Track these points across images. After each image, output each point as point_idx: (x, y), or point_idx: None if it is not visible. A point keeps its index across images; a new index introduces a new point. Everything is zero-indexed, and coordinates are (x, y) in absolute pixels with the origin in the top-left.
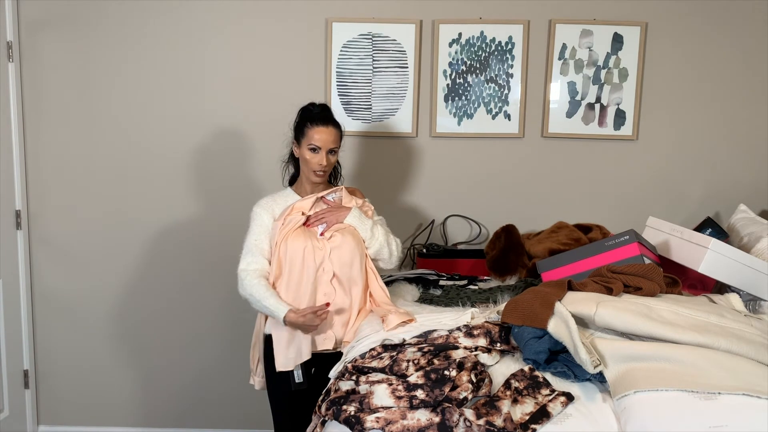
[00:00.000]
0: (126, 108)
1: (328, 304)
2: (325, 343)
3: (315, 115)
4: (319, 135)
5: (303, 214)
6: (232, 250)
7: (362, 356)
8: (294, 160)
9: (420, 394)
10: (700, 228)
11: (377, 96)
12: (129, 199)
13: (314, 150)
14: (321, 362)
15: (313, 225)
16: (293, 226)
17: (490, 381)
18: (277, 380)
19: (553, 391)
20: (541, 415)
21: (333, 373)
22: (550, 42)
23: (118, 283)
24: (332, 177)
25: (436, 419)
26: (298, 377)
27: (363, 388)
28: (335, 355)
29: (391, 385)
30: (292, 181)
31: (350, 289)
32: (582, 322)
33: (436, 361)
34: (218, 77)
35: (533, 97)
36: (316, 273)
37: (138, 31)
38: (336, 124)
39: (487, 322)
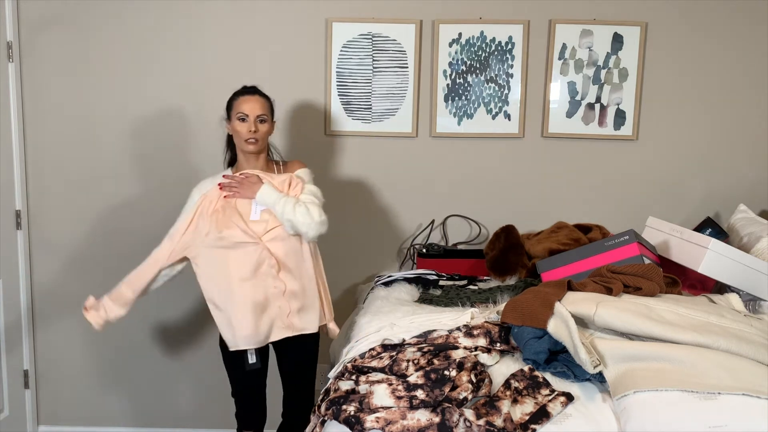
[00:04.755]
0: (126, 108)
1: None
2: (283, 332)
3: (241, 89)
4: (246, 103)
5: (220, 187)
6: None
7: (362, 356)
8: (231, 144)
9: (420, 394)
10: (699, 228)
11: (377, 96)
12: (129, 199)
13: (242, 119)
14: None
15: (228, 197)
16: (213, 205)
17: (490, 381)
18: (229, 357)
19: (552, 391)
20: (541, 415)
21: (332, 373)
22: (550, 42)
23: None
24: (273, 151)
25: (436, 419)
26: (251, 358)
27: (363, 388)
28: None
29: (391, 385)
30: (232, 164)
31: (300, 274)
32: (582, 322)
33: (436, 361)
34: (218, 77)
35: (533, 97)
36: (256, 273)
37: (138, 31)
38: (263, 95)
39: (486, 322)
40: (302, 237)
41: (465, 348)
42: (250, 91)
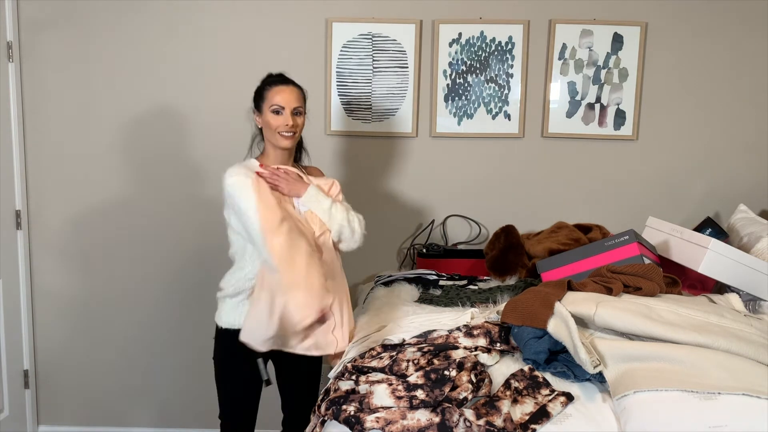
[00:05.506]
0: (126, 107)
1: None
2: (311, 350)
3: (273, 78)
4: (281, 95)
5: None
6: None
7: (362, 356)
8: (261, 135)
9: (420, 394)
10: (699, 228)
11: (377, 96)
12: (129, 199)
13: (277, 112)
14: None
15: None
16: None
17: (490, 381)
18: (228, 369)
19: (552, 391)
20: (541, 415)
21: (332, 373)
22: (550, 42)
23: (118, 282)
24: (298, 153)
25: (436, 419)
26: (264, 374)
27: (363, 388)
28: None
29: (391, 385)
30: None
31: (336, 289)
32: (582, 322)
33: (435, 361)
34: (218, 77)
35: (533, 97)
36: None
37: (138, 31)
38: (297, 85)
39: (486, 322)
40: (339, 247)
41: (465, 348)
42: (285, 80)
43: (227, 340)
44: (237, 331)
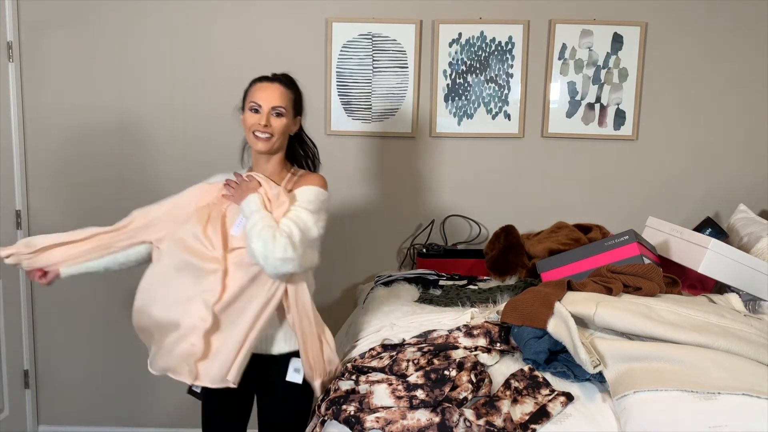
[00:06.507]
0: (126, 108)
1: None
2: (185, 377)
3: (263, 76)
4: (261, 92)
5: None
6: None
7: (362, 356)
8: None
9: (420, 394)
10: (699, 228)
11: (377, 96)
12: (129, 198)
13: (255, 110)
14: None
15: (225, 197)
16: (206, 198)
17: (490, 381)
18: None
19: (552, 391)
20: (541, 415)
21: None
22: (550, 42)
23: (119, 282)
24: (308, 161)
25: (436, 419)
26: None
27: (363, 388)
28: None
29: (391, 385)
30: None
31: (246, 313)
32: (582, 322)
33: (435, 361)
34: (218, 77)
35: (533, 97)
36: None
37: (138, 31)
38: (285, 83)
39: (486, 322)
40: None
41: (465, 348)
42: (271, 78)
43: None
44: None
